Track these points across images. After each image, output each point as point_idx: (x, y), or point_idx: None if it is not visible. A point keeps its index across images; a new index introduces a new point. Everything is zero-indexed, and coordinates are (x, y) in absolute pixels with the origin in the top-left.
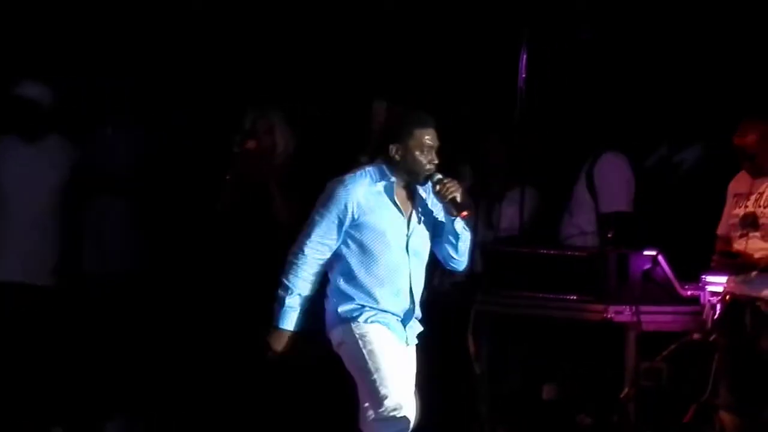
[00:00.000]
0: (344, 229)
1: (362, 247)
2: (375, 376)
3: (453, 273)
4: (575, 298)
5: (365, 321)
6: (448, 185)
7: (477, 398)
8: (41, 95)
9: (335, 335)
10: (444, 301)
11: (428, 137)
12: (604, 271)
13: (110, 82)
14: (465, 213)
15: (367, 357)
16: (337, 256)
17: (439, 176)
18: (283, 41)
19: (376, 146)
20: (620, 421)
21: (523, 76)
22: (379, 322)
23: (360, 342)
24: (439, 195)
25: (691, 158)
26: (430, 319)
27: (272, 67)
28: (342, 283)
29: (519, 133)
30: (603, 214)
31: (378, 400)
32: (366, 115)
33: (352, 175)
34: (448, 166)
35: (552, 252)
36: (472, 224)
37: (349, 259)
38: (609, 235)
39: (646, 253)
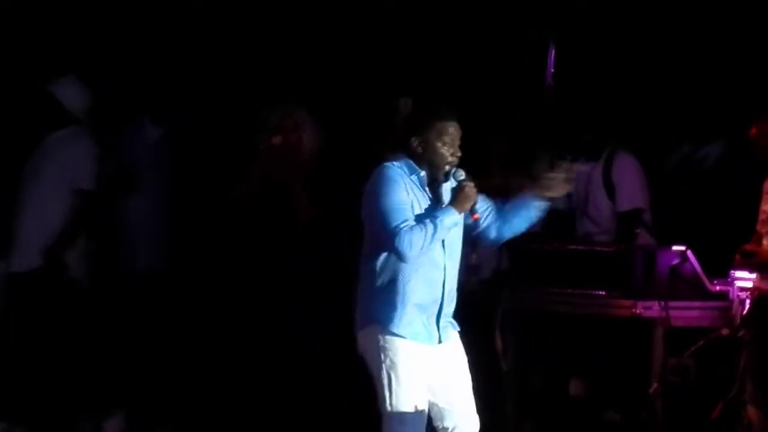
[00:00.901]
0: None
1: None
2: (388, 401)
3: (479, 271)
4: (603, 293)
5: (391, 331)
6: (467, 190)
7: (504, 395)
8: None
9: (361, 339)
10: (471, 299)
11: (450, 129)
12: (632, 267)
13: (117, 81)
14: (477, 216)
15: (380, 371)
16: (372, 247)
17: (462, 176)
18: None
19: (399, 141)
20: (647, 418)
21: (552, 71)
22: (403, 335)
23: (381, 355)
24: (462, 198)
25: (714, 154)
26: (457, 317)
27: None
28: (375, 278)
29: (545, 128)
30: (625, 211)
31: (389, 413)
32: (387, 113)
33: (391, 162)
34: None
35: (579, 248)
36: None
37: (383, 251)
38: (636, 231)
39: (674, 248)
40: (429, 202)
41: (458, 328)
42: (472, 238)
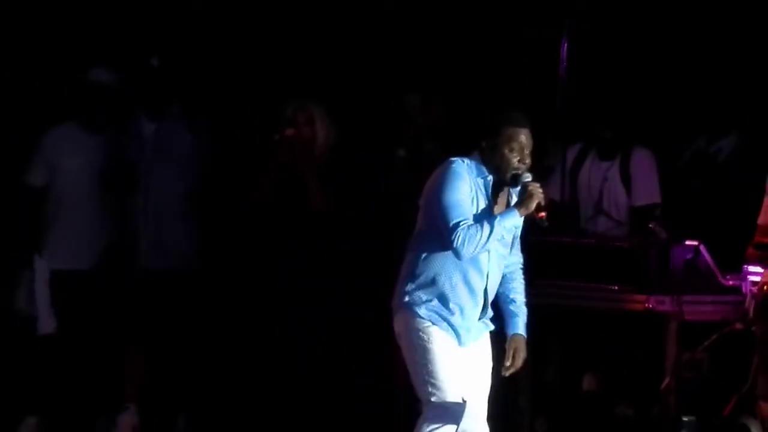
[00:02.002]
0: None
1: None
2: (426, 377)
3: None
4: (616, 288)
5: (428, 319)
6: (531, 189)
7: (518, 389)
8: (112, 82)
9: (397, 322)
10: None
11: (521, 137)
12: (645, 261)
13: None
14: (543, 214)
15: (421, 355)
16: (423, 236)
17: (528, 178)
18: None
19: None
20: (661, 412)
21: (564, 65)
22: (439, 324)
23: (417, 338)
24: (527, 197)
25: (728, 148)
26: None
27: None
28: (419, 266)
29: (561, 123)
30: (640, 206)
31: (427, 400)
32: (395, 111)
33: (461, 158)
34: None
35: (593, 242)
36: None
37: (433, 243)
38: (651, 226)
39: (687, 243)
40: (489, 207)
41: (491, 328)
42: None
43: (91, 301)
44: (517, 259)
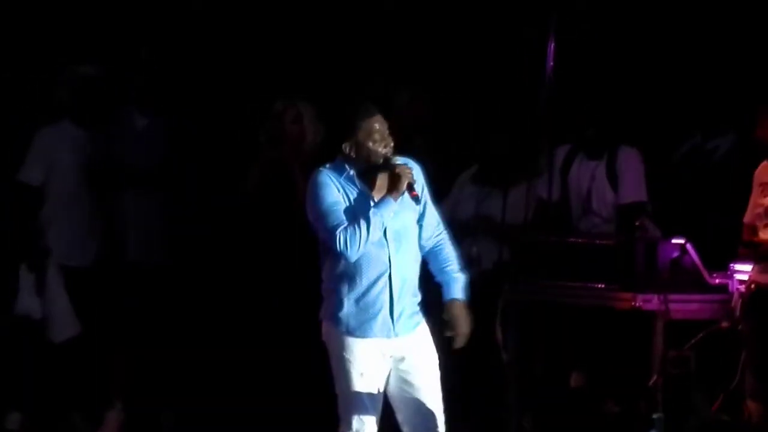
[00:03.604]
0: None
1: None
2: (342, 396)
3: (479, 263)
4: (603, 286)
5: (338, 328)
6: (398, 171)
7: (505, 386)
8: (99, 77)
9: (324, 332)
10: (471, 291)
11: (376, 125)
12: (632, 260)
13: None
14: (415, 192)
15: (336, 368)
16: (322, 247)
17: (398, 160)
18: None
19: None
20: (648, 409)
21: (551, 64)
22: (350, 332)
23: (334, 350)
24: (395, 179)
25: (724, 146)
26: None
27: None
28: (327, 274)
29: (546, 122)
30: (625, 204)
31: (342, 419)
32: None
33: (324, 167)
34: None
35: (580, 240)
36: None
37: (328, 252)
38: (637, 224)
39: (674, 241)
40: (365, 197)
41: (420, 324)
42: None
43: (85, 299)
44: (434, 231)
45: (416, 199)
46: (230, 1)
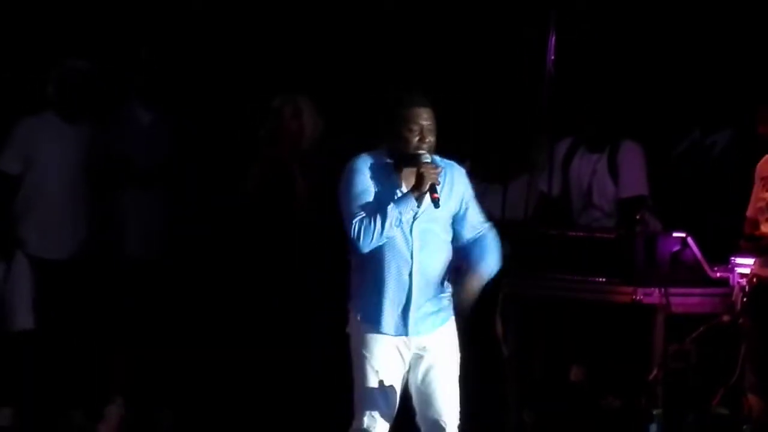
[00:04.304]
0: None
1: None
2: (356, 390)
3: None
4: (603, 280)
5: (359, 320)
6: (423, 171)
7: (504, 380)
8: (89, 72)
9: (349, 322)
10: None
11: (415, 116)
12: (632, 253)
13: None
14: (436, 195)
15: (354, 362)
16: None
17: (426, 159)
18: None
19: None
20: (648, 404)
21: (552, 58)
22: (370, 325)
23: (353, 342)
24: (420, 178)
25: (723, 141)
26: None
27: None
28: (353, 265)
29: (548, 117)
30: (627, 198)
31: (355, 413)
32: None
33: (366, 153)
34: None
35: (580, 234)
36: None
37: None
38: (638, 217)
39: (675, 235)
40: (394, 189)
41: (444, 323)
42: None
43: (70, 291)
44: (475, 230)
45: (435, 202)
46: (229, 0)
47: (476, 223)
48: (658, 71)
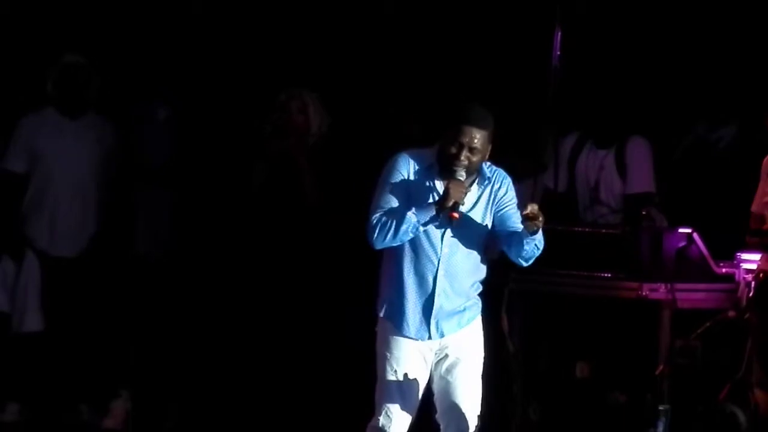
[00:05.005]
0: None
1: None
2: (377, 384)
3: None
4: (609, 275)
5: (383, 319)
6: (450, 187)
7: (510, 376)
8: (87, 67)
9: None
10: None
11: (465, 133)
12: (638, 249)
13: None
14: (456, 215)
15: (378, 359)
16: None
17: (462, 177)
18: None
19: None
20: (654, 399)
21: (558, 53)
22: (393, 325)
23: (377, 341)
24: (446, 193)
25: (728, 136)
26: None
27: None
28: (382, 268)
29: (553, 112)
30: (634, 194)
31: (375, 410)
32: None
33: (414, 150)
34: None
35: (586, 230)
36: None
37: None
38: (644, 213)
39: (681, 230)
40: (429, 194)
41: (469, 323)
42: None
43: (79, 288)
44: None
45: (452, 221)
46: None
47: (516, 226)
48: (664, 66)
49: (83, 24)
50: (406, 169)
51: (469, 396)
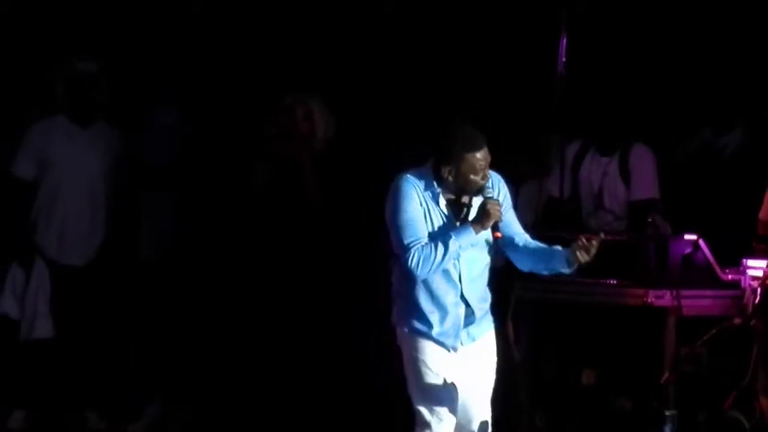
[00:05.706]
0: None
1: None
2: (415, 392)
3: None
4: (615, 282)
5: (411, 331)
6: (489, 208)
7: (516, 384)
8: (98, 73)
9: (397, 334)
10: None
11: (480, 159)
12: (644, 256)
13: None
14: (499, 234)
15: (409, 367)
16: (395, 255)
17: (490, 194)
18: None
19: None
20: (660, 406)
21: (563, 59)
22: (423, 337)
23: (405, 352)
24: (485, 215)
25: (733, 143)
26: None
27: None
28: (399, 283)
29: (558, 119)
30: (638, 201)
31: (417, 409)
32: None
33: (411, 172)
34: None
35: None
36: None
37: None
38: (650, 220)
39: (686, 237)
40: (444, 218)
41: (487, 331)
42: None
43: (88, 295)
44: (521, 235)
45: (497, 240)
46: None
47: (519, 229)
48: (669, 72)
49: (85, 26)
50: (416, 192)
51: (481, 402)
